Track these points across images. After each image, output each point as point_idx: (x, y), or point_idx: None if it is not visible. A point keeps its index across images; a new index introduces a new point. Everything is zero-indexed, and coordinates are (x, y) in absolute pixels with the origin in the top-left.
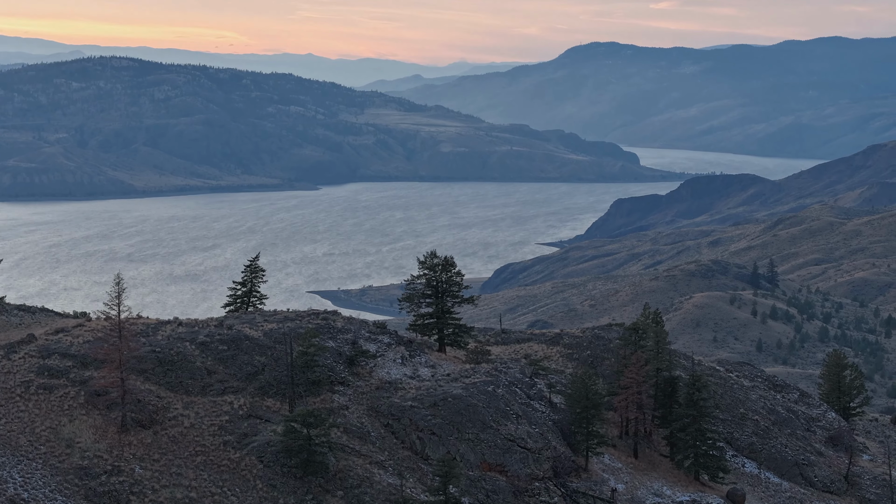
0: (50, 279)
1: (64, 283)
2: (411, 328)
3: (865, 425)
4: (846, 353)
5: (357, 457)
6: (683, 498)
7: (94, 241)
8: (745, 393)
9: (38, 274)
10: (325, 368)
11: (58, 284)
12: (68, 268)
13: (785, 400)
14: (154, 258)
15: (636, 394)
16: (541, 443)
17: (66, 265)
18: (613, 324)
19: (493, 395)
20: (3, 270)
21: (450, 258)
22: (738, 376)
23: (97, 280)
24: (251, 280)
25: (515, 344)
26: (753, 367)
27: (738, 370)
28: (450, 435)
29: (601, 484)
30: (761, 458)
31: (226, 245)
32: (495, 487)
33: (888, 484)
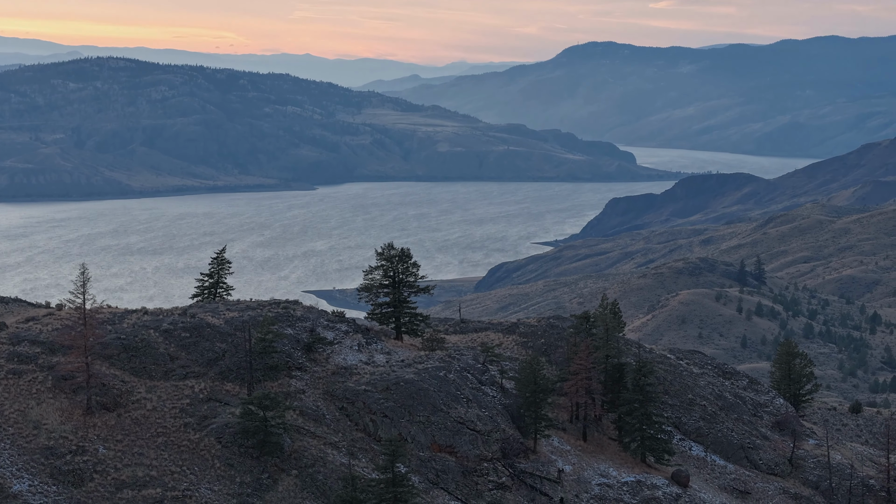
0: (62, 272)
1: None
2: (369, 317)
3: (824, 414)
4: (830, 348)
5: (312, 438)
6: (629, 479)
7: (109, 236)
8: (693, 379)
9: (53, 267)
10: (283, 354)
11: (67, 277)
12: (82, 261)
13: (733, 386)
14: (168, 251)
15: (585, 379)
16: (490, 425)
17: (81, 259)
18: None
19: (444, 380)
20: (20, 265)
21: (406, 250)
22: (687, 363)
23: (112, 272)
24: (218, 272)
25: (473, 333)
26: (703, 355)
27: (688, 358)
28: (401, 417)
29: (549, 465)
30: (708, 442)
31: (239, 239)
32: (445, 467)
33: (828, 466)
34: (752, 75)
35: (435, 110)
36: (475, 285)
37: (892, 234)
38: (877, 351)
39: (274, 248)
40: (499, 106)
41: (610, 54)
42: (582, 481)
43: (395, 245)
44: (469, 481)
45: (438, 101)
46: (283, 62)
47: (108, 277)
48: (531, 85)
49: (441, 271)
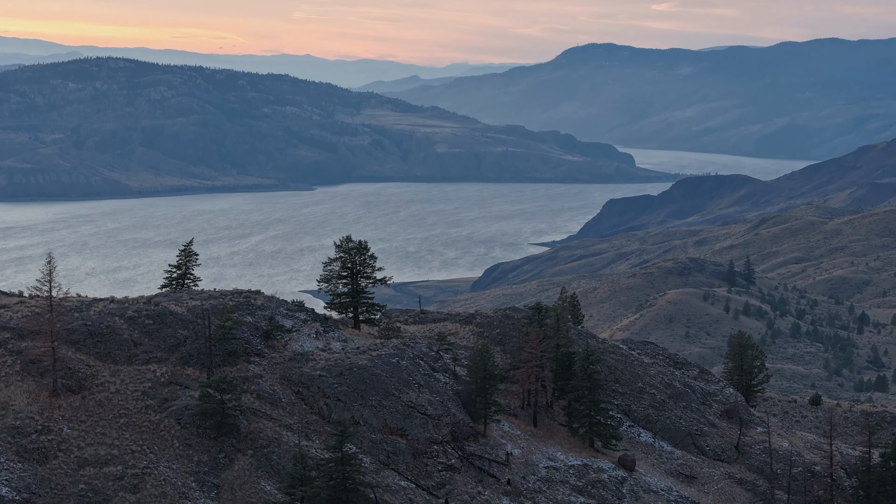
0: (74, 264)
1: (101, 266)
2: (328, 307)
3: (784, 406)
4: (817, 348)
5: (268, 420)
6: (575, 462)
7: (128, 231)
8: (644, 369)
9: (70, 259)
10: (242, 341)
11: (80, 268)
12: (103, 253)
13: (684, 376)
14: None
15: (535, 367)
16: (441, 410)
17: (103, 250)
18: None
19: (396, 367)
20: (41, 256)
21: (363, 242)
22: (639, 354)
23: (129, 263)
24: (185, 263)
25: (432, 323)
26: (656, 346)
27: (640, 348)
28: (354, 401)
29: (498, 448)
30: (656, 429)
31: (255, 234)
32: (396, 449)
33: (769, 451)
34: (751, 77)
35: (434, 111)
36: (471, 285)
37: (884, 236)
38: (863, 351)
39: (293, 242)
40: (498, 107)
41: (609, 56)
42: (530, 464)
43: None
44: (419, 463)
45: (438, 103)
46: (283, 63)
47: (125, 269)
48: (531, 86)
49: (462, 265)
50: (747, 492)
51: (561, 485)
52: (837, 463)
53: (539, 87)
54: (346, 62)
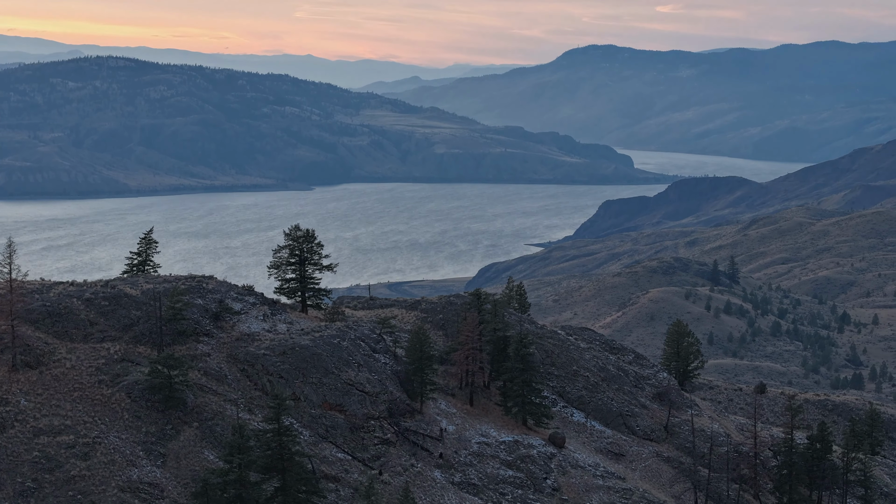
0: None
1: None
2: (277, 291)
3: (730, 394)
4: (796, 346)
5: (213, 395)
6: (507, 439)
7: (159, 224)
8: (579, 353)
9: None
10: (192, 322)
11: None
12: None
13: (618, 360)
14: (213, 235)
15: (472, 349)
16: (379, 388)
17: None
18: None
19: (337, 347)
20: (70, 245)
21: (311, 231)
22: (576, 339)
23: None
24: (145, 251)
25: (379, 309)
26: (593, 332)
27: (577, 334)
28: (295, 378)
29: (433, 424)
30: (589, 409)
31: (281, 227)
32: (334, 424)
33: (692, 431)
34: (751, 80)
35: (433, 112)
36: (465, 284)
37: (870, 237)
38: (842, 349)
39: (325, 233)
40: (498, 108)
41: (610, 57)
42: (463, 440)
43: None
44: (356, 437)
45: (438, 104)
46: (283, 63)
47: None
48: (531, 88)
49: (495, 253)
50: (673, 469)
51: (491, 459)
52: (765, 444)
53: (539, 89)
54: (347, 63)
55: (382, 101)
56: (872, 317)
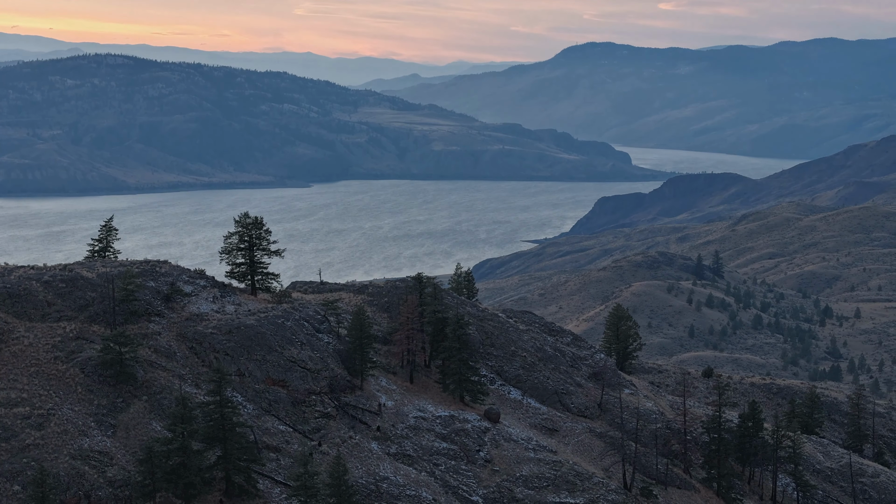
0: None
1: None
2: (228, 275)
3: (678, 377)
4: (777, 339)
5: (163, 371)
6: (443, 413)
7: (193, 214)
8: (518, 335)
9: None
10: (144, 303)
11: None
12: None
13: (557, 342)
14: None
15: (411, 330)
16: (320, 365)
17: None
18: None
19: (281, 326)
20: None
21: (259, 218)
22: (516, 321)
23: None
24: (106, 238)
25: (329, 293)
26: (533, 315)
27: (517, 317)
28: (241, 355)
29: (372, 400)
30: (525, 387)
31: (308, 217)
32: (277, 398)
33: (620, 406)
34: (750, 77)
35: (431, 109)
36: None
37: (857, 232)
38: (823, 342)
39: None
40: (497, 105)
41: (608, 55)
42: (401, 414)
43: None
44: (298, 410)
45: (437, 101)
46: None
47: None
48: (530, 85)
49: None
50: (605, 444)
51: (427, 432)
52: (697, 421)
53: (538, 86)
54: (346, 60)
55: (381, 99)
56: (855, 310)
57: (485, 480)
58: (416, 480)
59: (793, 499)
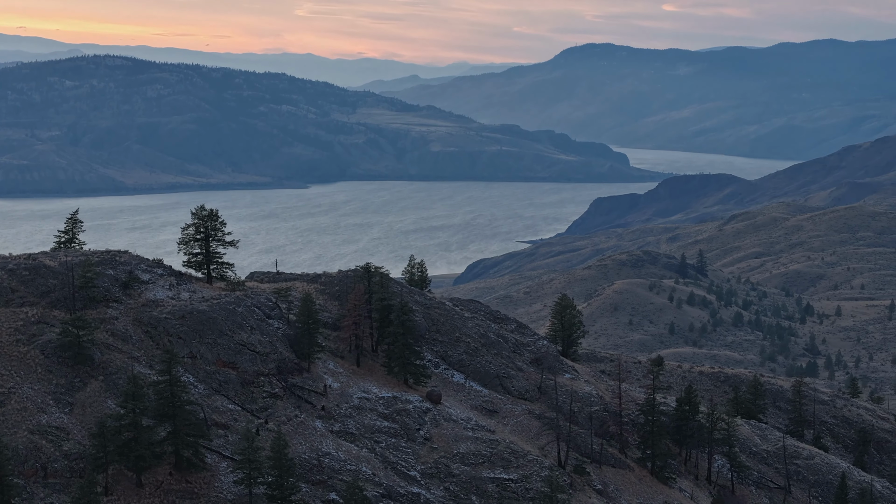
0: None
1: None
2: (185, 265)
3: (629, 366)
4: (756, 335)
5: (119, 353)
6: (386, 394)
7: (226, 210)
8: (463, 321)
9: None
10: (102, 289)
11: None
12: None
13: (500, 329)
14: (272, 218)
15: (358, 316)
16: (269, 348)
17: None
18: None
19: (232, 312)
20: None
21: (215, 211)
22: (461, 309)
23: None
24: (72, 229)
25: (283, 282)
26: (479, 304)
27: (464, 305)
28: (193, 339)
29: (318, 381)
30: (468, 371)
31: (333, 211)
32: (227, 379)
33: (554, 389)
34: (748, 78)
35: (430, 110)
36: (454, 280)
37: (842, 232)
38: (802, 339)
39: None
40: (496, 107)
41: (607, 56)
42: (345, 395)
43: (203, 207)
44: (246, 391)
45: (436, 102)
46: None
47: None
48: (529, 86)
49: None
50: (542, 424)
51: (370, 412)
52: (633, 404)
53: (537, 87)
54: (346, 61)
55: (379, 100)
56: (836, 308)
57: (423, 457)
58: (357, 456)
59: (727, 478)
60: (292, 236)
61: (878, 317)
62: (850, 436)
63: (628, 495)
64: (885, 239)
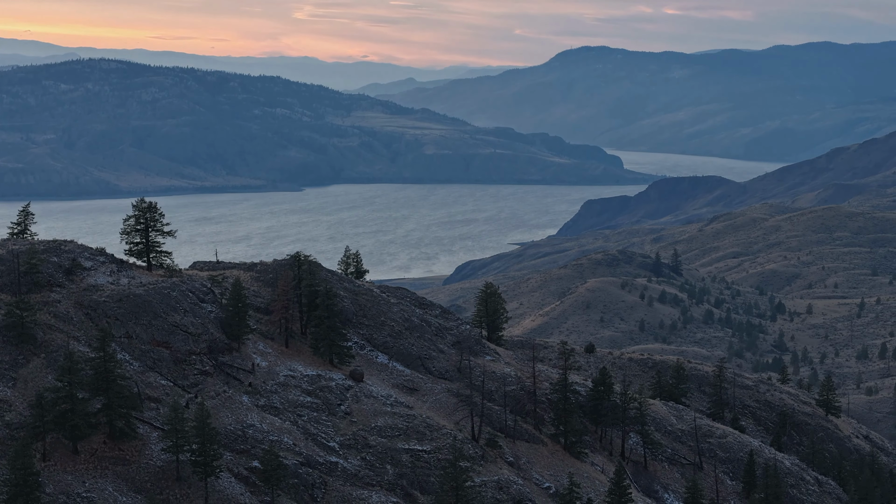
0: None
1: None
2: (126, 254)
3: (559, 351)
4: (726, 332)
5: (60, 333)
6: (311, 373)
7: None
8: (388, 307)
9: None
10: (46, 275)
11: None
12: None
13: (425, 314)
14: (306, 212)
15: (287, 300)
16: (201, 329)
17: None
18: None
19: (167, 296)
20: None
21: (154, 203)
22: (388, 296)
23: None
24: (24, 222)
25: (222, 270)
26: (406, 290)
27: (391, 292)
28: (129, 320)
29: (247, 360)
30: (392, 353)
31: (360, 207)
32: (160, 357)
33: (468, 369)
34: (743, 80)
35: (424, 113)
36: (443, 281)
37: (820, 232)
38: (771, 336)
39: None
40: (492, 110)
41: (603, 58)
42: (272, 373)
43: (143, 199)
44: (179, 368)
45: (431, 105)
46: (281, 65)
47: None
48: (524, 89)
49: None
50: (459, 401)
51: (294, 388)
52: (550, 384)
53: (532, 90)
54: (343, 64)
55: (374, 103)
56: (807, 306)
57: (342, 430)
58: (280, 428)
59: (640, 455)
60: (322, 229)
61: (847, 315)
62: (771, 418)
63: (539, 468)
64: (861, 239)
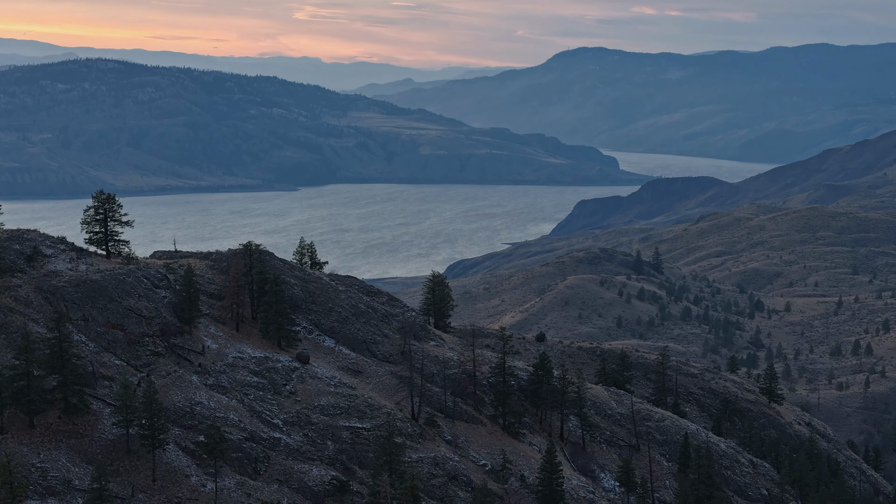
0: None
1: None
2: (87, 242)
3: (516, 343)
4: (703, 329)
5: (20, 315)
6: (259, 355)
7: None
8: (336, 294)
9: None
10: (8, 261)
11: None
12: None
13: (372, 301)
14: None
15: (238, 286)
16: (154, 313)
17: None
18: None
19: (122, 282)
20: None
21: (112, 195)
22: (336, 283)
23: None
24: None
25: (180, 259)
26: (354, 279)
27: (339, 280)
28: (86, 304)
29: (198, 342)
30: (339, 337)
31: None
32: (115, 339)
33: (408, 354)
34: (740, 82)
35: (420, 114)
36: None
37: (803, 231)
38: (748, 333)
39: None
40: (488, 111)
41: (599, 59)
42: (222, 355)
43: (102, 192)
44: (132, 349)
45: (428, 105)
46: (279, 65)
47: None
48: (521, 89)
49: None
50: (400, 382)
51: (242, 369)
52: (490, 367)
53: (529, 91)
54: (341, 65)
55: (370, 104)
56: (786, 304)
57: (287, 408)
58: (227, 406)
59: (579, 436)
60: (351, 220)
61: (824, 312)
62: (715, 405)
63: (477, 446)
64: (844, 238)
